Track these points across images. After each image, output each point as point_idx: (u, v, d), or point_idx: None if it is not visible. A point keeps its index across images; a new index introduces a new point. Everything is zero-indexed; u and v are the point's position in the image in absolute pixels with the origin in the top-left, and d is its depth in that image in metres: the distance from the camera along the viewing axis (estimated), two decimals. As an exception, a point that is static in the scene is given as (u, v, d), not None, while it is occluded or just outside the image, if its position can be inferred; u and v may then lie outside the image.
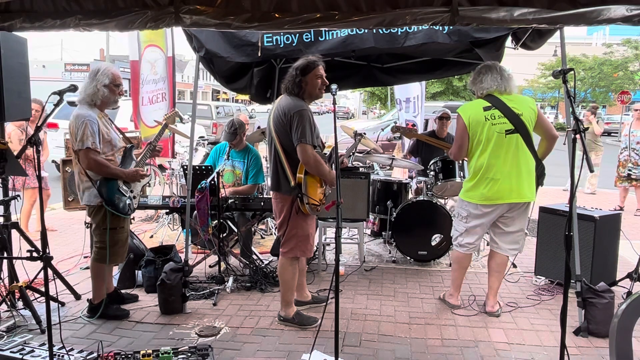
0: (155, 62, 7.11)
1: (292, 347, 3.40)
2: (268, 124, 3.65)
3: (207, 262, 4.86)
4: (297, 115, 3.41)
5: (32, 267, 3.92)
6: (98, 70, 3.65)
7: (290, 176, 3.47)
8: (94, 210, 3.67)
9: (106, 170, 3.58)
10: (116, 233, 3.72)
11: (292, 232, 3.60)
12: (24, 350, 3.04)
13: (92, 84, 3.61)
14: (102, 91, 3.62)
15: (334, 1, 2.94)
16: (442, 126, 5.92)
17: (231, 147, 5.13)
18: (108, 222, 3.63)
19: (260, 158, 5.30)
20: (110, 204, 3.60)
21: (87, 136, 3.48)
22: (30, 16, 3.19)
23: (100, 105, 3.67)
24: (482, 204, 3.78)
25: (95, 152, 3.52)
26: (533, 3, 2.84)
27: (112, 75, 3.66)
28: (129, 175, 3.71)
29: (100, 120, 3.60)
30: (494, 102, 3.73)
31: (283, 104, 3.52)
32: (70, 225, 6.72)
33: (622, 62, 30.41)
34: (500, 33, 4.31)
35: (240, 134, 5.11)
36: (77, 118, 3.54)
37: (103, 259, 3.70)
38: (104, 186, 3.59)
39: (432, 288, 4.58)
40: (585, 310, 3.62)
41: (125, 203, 3.70)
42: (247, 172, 5.17)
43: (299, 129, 3.38)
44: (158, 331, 3.65)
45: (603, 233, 4.36)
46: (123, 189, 3.69)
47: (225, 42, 4.15)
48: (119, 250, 3.78)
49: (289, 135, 3.44)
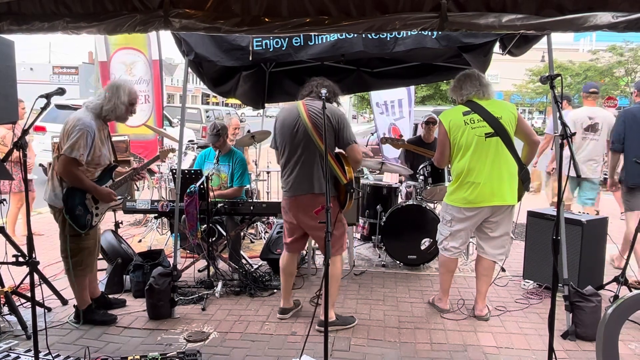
0: (133, 65, 7.47)
1: (282, 352, 3.39)
2: (290, 127, 3.67)
3: (196, 266, 4.83)
4: (344, 117, 3.70)
5: (18, 272, 3.87)
6: (119, 87, 3.63)
7: (340, 175, 3.62)
8: (58, 214, 3.61)
9: (79, 184, 3.53)
10: (80, 240, 3.63)
11: (341, 230, 3.82)
12: (9, 356, 3.00)
13: (114, 100, 3.60)
14: (120, 108, 3.62)
15: (323, 6, 2.94)
16: (429, 131, 5.96)
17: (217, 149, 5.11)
18: (68, 229, 3.57)
19: (245, 160, 5.28)
20: (69, 212, 3.53)
21: (80, 146, 3.42)
22: (17, 19, 3.15)
23: (110, 119, 3.68)
24: (465, 207, 3.82)
25: (77, 165, 3.46)
26: (521, 9, 2.87)
27: (132, 95, 3.67)
28: (100, 193, 3.64)
29: (99, 134, 3.57)
30: (473, 107, 3.80)
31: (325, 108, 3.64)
32: (56, 229, 6.60)
33: (608, 68, 30.81)
34: (488, 39, 4.35)
35: (223, 135, 5.09)
36: (77, 122, 3.48)
37: (70, 269, 3.63)
38: (70, 194, 3.53)
39: (422, 292, 4.59)
40: (572, 313, 3.65)
41: (85, 217, 3.61)
42: (232, 175, 5.15)
43: (347, 130, 3.66)
44: (146, 336, 3.62)
45: (590, 237, 4.39)
46: (88, 202, 3.63)
47: (214, 46, 4.14)
48: (85, 259, 3.68)
49: (334, 137, 3.63)
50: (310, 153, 3.63)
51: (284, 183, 3.80)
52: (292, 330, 3.74)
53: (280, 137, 3.77)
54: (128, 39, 7.22)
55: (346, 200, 3.67)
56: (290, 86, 6.18)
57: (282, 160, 3.79)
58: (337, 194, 3.71)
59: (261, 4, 2.95)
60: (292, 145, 3.70)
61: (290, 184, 3.72)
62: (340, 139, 3.65)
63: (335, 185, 3.69)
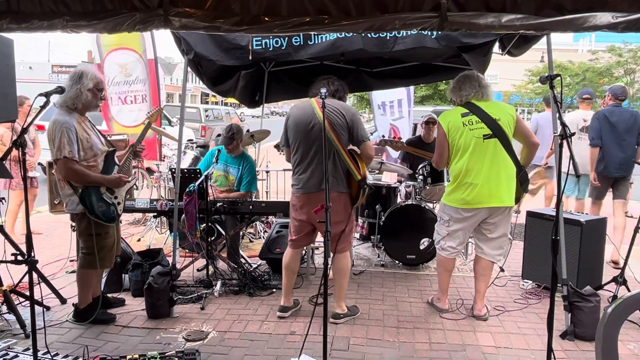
0: (128, 65, 7.46)
1: (281, 352, 3.39)
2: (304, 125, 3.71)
3: (195, 265, 4.83)
4: (357, 115, 3.82)
5: (17, 271, 3.86)
6: (82, 74, 3.57)
7: (355, 172, 3.69)
8: (78, 217, 3.61)
9: (86, 179, 3.51)
10: (102, 239, 3.64)
11: (351, 226, 3.92)
12: (8, 355, 3.00)
13: (75, 87, 3.52)
14: (85, 95, 3.54)
15: (323, 5, 2.94)
16: (429, 131, 5.96)
17: (226, 152, 5.10)
18: (93, 229, 3.56)
19: (255, 167, 5.27)
20: (93, 213, 3.53)
21: (64, 145, 3.39)
22: (17, 17, 3.15)
23: (81, 109, 3.60)
24: (463, 207, 3.83)
25: (73, 162, 3.44)
26: (521, 9, 2.87)
27: (96, 79, 3.60)
28: (111, 181, 3.64)
29: (79, 126, 3.52)
30: (472, 108, 3.81)
31: (338, 105, 3.74)
32: (56, 228, 6.64)
33: (607, 68, 30.82)
34: (487, 38, 4.36)
35: (237, 139, 5.09)
36: (55, 124, 3.45)
37: (89, 265, 3.63)
38: (86, 195, 3.52)
39: (421, 292, 4.60)
40: (571, 313, 3.65)
41: (109, 210, 3.63)
42: (240, 179, 5.15)
43: (361, 127, 3.76)
44: (145, 336, 3.61)
45: (589, 237, 4.40)
46: (106, 195, 3.63)
47: (214, 45, 4.14)
48: (106, 255, 3.71)
49: (347, 134, 3.70)
50: (326, 151, 3.63)
51: (296, 180, 3.81)
52: (291, 330, 3.74)
53: (293, 134, 3.79)
54: (121, 39, 7.16)
55: (359, 196, 3.74)
56: (289, 85, 6.19)
57: (296, 157, 3.80)
58: (349, 190, 3.75)
59: (261, 3, 2.95)
60: (307, 143, 3.72)
61: (304, 181, 3.74)
62: (354, 136, 3.73)
63: (348, 181, 3.74)
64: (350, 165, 3.69)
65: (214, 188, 5.07)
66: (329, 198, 2.93)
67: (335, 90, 3.85)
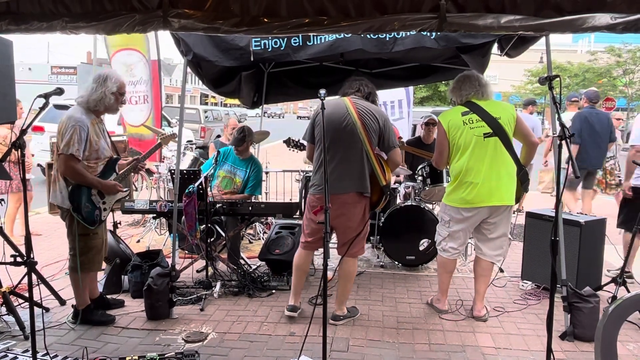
0: (133, 65, 7.47)
1: (280, 353, 3.38)
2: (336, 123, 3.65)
3: (194, 267, 4.82)
4: (389, 121, 3.80)
5: (16, 272, 3.87)
6: (107, 77, 3.60)
7: (381, 176, 3.69)
8: (65, 214, 3.61)
9: (82, 179, 3.53)
10: (89, 239, 3.63)
11: (366, 230, 3.88)
12: (7, 357, 3.00)
13: (100, 89, 3.56)
14: (109, 98, 3.59)
15: (323, 6, 2.94)
16: (429, 132, 5.96)
17: (235, 153, 5.09)
18: (76, 228, 3.56)
19: (262, 172, 5.26)
20: (77, 210, 3.54)
21: (74, 142, 3.42)
22: (16, 18, 3.15)
23: (100, 111, 3.65)
24: (463, 207, 3.82)
25: (76, 160, 3.46)
26: (520, 10, 2.87)
27: (120, 83, 3.64)
28: (105, 186, 3.64)
29: (92, 127, 3.56)
30: (472, 107, 3.82)
31: (373, 109, 3.73)
32: (55, 229, 6.63)
33: (606, 69, 30.86)
34: (486, 39, 4.37)
35: (248, 141, 5.08)
36: (69, 120, 3.48)
37: (76, 267, 3.63)
38: (76, 192, 3.53)
39: (420, 293, 4.60)
40: (571, 314, 3.65)
41: (93, 213, 3.62)
42: (246, 182, 5.14)
43: (392, 133, 3.75)
44: (144, 337, 3.61)
45: (588, 238, 4.40)
46: (96, 198, 3.63)
47: (213, 46, 4.15)
48: (93, 257, 3.69)
49: (377, 138, 3.69)
50: (355, 151, 3.63)
51: (320, 180, 3.64)
52: (290, 331, 3.73)
53: (321, 131, 3.49)
54: (127, 40, 7.21)
55: (380, 201, 3.75)
56: (289, 86, 6.19)
57: (319, 155, 3.65)
58: (370, 193, 3.73)
59: (260, 4, 2.96)
60: (336, 141, 3.64)
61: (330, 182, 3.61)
62: (384, 141, 3.73)
63: (371, 186, 3.72)
64: (377, 170, 3.68)
65: (218, 188, 5.07)
66: (328, 199, 2.92)
67: (368, 93, 3.85)
